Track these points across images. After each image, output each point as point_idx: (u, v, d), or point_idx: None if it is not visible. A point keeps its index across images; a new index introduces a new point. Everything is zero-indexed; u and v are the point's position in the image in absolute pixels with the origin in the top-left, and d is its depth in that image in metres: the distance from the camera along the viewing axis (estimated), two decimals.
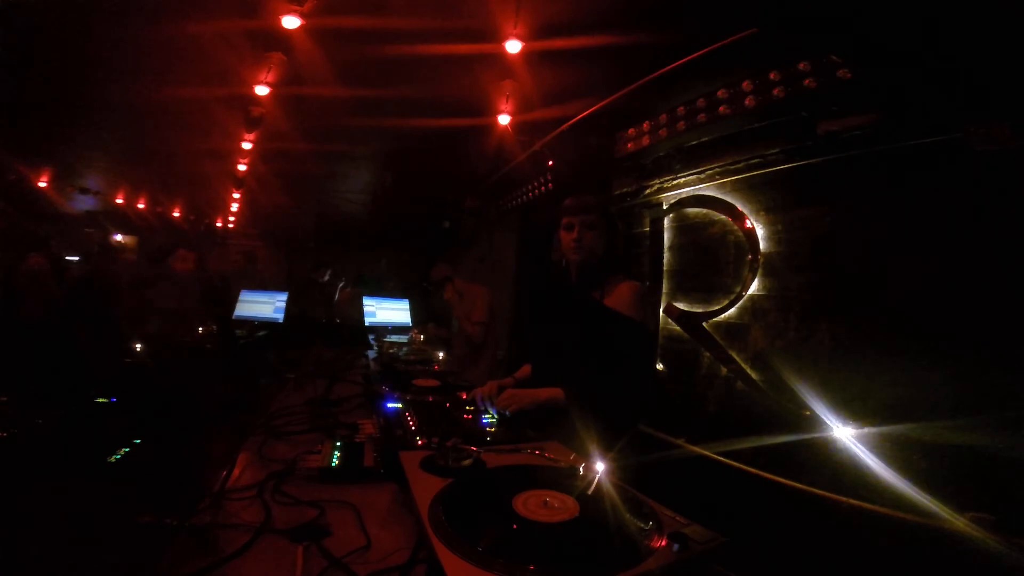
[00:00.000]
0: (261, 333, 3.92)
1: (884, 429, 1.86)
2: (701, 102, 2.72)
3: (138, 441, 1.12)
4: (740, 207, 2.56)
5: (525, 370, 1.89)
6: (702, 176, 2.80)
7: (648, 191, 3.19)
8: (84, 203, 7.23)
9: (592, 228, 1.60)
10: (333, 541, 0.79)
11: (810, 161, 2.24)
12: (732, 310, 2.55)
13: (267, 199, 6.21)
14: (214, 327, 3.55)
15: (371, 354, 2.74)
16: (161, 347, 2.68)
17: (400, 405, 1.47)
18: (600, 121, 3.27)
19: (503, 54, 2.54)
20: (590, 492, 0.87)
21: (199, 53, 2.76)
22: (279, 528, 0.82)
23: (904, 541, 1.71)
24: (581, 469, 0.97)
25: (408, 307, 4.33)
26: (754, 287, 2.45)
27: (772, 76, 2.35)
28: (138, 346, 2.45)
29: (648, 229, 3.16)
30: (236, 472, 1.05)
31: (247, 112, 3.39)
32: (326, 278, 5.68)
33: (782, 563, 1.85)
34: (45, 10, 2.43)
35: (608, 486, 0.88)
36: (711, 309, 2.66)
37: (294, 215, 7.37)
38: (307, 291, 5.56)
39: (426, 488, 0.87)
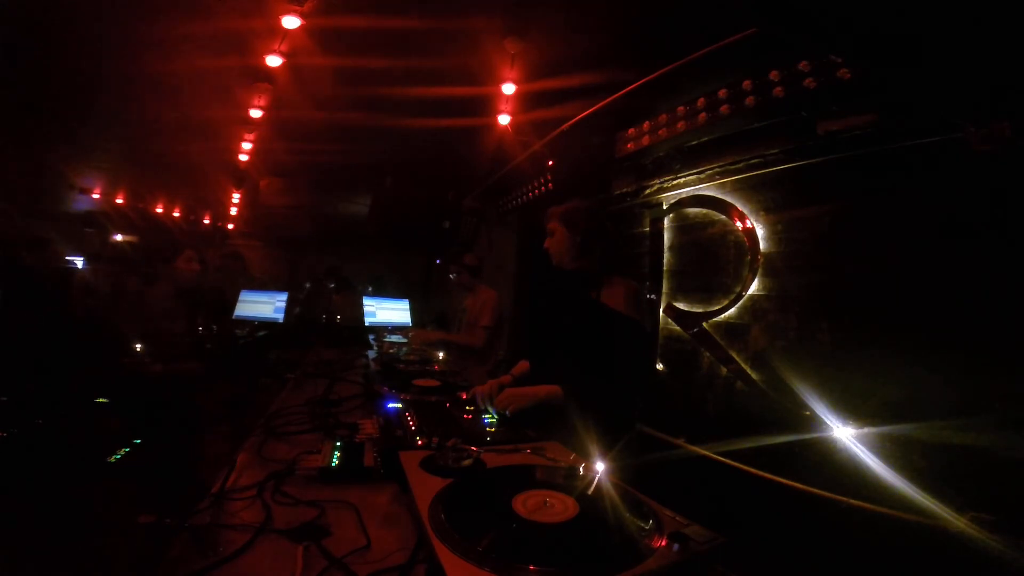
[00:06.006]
0: (261, 333, 3.91)
1: (884, 429, 1.85)
2: (701, 102, 2.72)
3: (138, 441, 1.12)
4: (740, 207, 2.56)
5: (523, 366, 1.90)
6: (702, 176, 2.80)
7: (648, 191, 3.18)
8: (84, 203, 7.22)
9: (550, 235, 1.74)
10: (333, 541, 0.79)
11: (810, 161, 2.23)
12: (732, 310, 2.55)
13: (270, 199, 6.21)
14: (213, 327, 3.55)
15: (371, 354, 2.74)
16: (161, 347, 2.67)
17: (400, 405, 1.47)
18: (600, 121, 3.27)
19: (503, 52, 2.55)
20: (590, 492, 0.87)
21: (199, 53, 2.76)
22: (279, 528, 0.82)
23: (904, 541, 1.71)
24: (581, 469, 0.97)
25: (408, 307, 4.33)
26: (754, 287, 2.45)
27: (772, 76, 2.35)
28: (138, 346, 2.45)
29: (648, 229, 3.15)
30: (236, 472, 1.05)
31: (246, 114, 3.39)
32: (332, 285, 5.70)
33: (782, 563, 1.85)
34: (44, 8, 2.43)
35: (608, 486, 0.88)
36: (711, 309, 2.66)
37: (293, 215, 7.37)
38: (316, 295, 5.58)
39: (426, 488, 0.87)
